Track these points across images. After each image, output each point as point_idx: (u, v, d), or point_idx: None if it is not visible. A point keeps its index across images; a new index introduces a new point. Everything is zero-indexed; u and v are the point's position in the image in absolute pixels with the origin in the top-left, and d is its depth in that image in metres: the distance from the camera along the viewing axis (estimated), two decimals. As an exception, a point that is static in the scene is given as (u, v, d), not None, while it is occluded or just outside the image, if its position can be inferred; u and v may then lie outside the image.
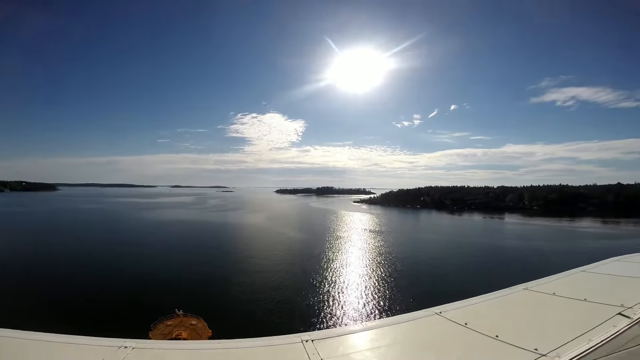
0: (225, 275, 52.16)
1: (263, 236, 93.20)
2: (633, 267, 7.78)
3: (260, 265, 58.90)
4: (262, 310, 38.82)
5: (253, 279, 50.95)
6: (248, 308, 39.30)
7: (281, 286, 47.47)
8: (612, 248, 67.71)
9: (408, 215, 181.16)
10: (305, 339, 3.69)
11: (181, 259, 62.17)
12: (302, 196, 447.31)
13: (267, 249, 73.30)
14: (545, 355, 3.32)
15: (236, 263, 60.98)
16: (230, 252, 69.95)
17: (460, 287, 42.92)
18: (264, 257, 65.17)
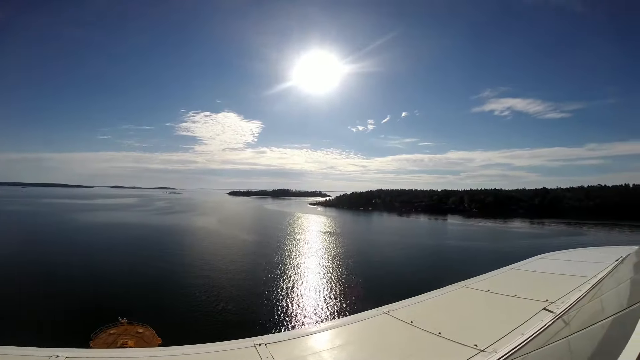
0: (174, 281, 49.06)
1: (214, 239, 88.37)
2: (555, 264, 8.38)
3: (212, 269, 56.49)
4: (215, 315, 37.52)
5: (204, 283, 48.60)
6: (200, 313, 37.30)
7: (234, 290, 45.88)
8: (538, 246, 74.16)
9: (361, 217, 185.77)
10: (259, 343, 3.67)
11: (124, 265, 57.23)
12: (256, 198, 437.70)
13: (219, 253, 70.19)
14: (484, 350, 3.57)
15: (186, 267, 57.60)
16: (178, 257, 65.79)
17: (408, 286, 43.37)
18: (216, 261, 62.49)
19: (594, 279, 5.98)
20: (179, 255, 67.34)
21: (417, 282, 47.25)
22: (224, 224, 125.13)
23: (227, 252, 71.23)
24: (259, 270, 55.98)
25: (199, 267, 57.67)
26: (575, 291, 5.40)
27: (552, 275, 7.24)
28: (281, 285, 48.87)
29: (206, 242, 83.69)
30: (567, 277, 6.65)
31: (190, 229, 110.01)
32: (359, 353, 3.85)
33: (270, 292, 45.57)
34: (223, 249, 73.96)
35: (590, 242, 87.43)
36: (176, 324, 32.67)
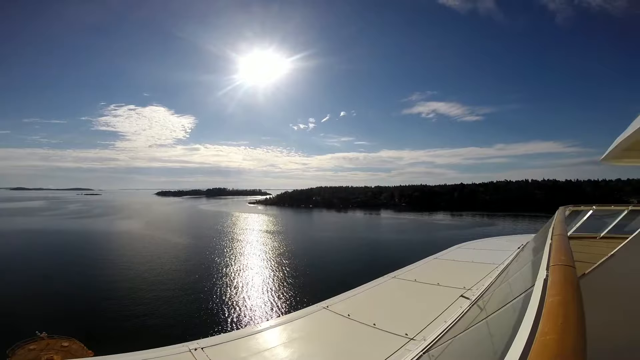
0: (97, 289, 44.07)
1: (142, 244, 79.66)
2: (470, 253, 9.21)
3: (141, 275, 51.67)
4: (147, 322, 34.86)
5: (133, 289, 44.45)
6: (130, 321, 34.74)
7: (167, 294, 42.77)
8: (457, 236, 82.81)
9: (302, 214, 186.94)
10: (194, 347, 3.61)
11: (35, 275, 49.72)
12: (189, 198, 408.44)
13: (148, 258, 63.95)
14: (414, 339, 3.81)
15: (110, 274, 51.71)
16: (100, 263, 58.57)
17: (346, 280, 45.28)
18: (145, 266, 57.04)
19: (501, 266, 6.72)
20: (101, 262, 59.98)
21: (354, 275, 48.95)
22: (153, 227, 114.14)
23: (158, 256, 65.33)
24: (194, 274, 52.76)
25: (126, 273, 52.55)
26: (487, 277, 6.00)
27: (468, 264, 7.90)
28: (219, 287, 46.65)
29: (132, 247, 75.51)
30: (480, 265, 7.36)
31: (112, 234, 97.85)
32: (299, 350, 3.88)
33: (207, 294, 43.32)
34: (152, 254, 67.55)
35: (499, 231, 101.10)
36: (105, 335, 30.23)
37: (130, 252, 69.29)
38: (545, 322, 1.12)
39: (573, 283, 1.57)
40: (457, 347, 3.05)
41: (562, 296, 1.36)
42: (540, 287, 1.62)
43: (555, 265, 1.96)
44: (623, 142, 7.44)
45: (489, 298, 4.24)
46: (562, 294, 1.39)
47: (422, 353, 3.30)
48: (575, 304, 1.28)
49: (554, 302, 1.30)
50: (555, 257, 2.22)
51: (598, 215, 9.24)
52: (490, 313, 2.93)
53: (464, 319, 4.01)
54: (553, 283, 1.57)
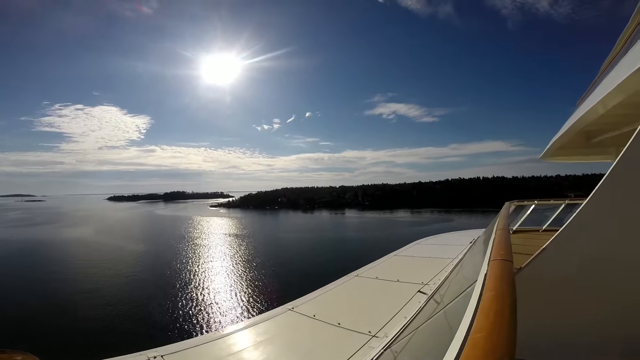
0: (49, 300, 40.69)
1: (94, 252, 73.20)
2: (427, 249, 9.64)
3: (96, 284, 48.09)
4: (106, 332, 32.64)
5: (89, 299, 41.69)
6: (88, 331, 32.75)
7: (125, 303, 40.35)
8: (416, 233, 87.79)
9: (267, 216, 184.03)
10: (153, 356, 3.55)
11: None
12: (145, 203, 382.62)
13: (102, 266, 59.38)
14: (376, 336, 3.89)
15: (61, 285, 47.66)
16: (49, 274, 53.79)
17: (312, 280, 45.33)
18: (100, 275, 53.17)
19: (455, 260, 7.13)
20: (50, 271, 55.04)
21: (320, 275, 48.90)
22: (106, 234, 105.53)
23: (113, 264, 60.86)
24: (153, 281, 49.99)
25: (78, 283, 49.04)
26: (443, 272, 6.29)
27: (425, 259, 8.26)
28: (181, 293, 44.58)
29: (84, 256, 69.59)
30: (436, 260, 7.71)
31: (60, 243, 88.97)
32: (265, 353, 3.86)
33: (168, 301, 41.41)
34: (107, 262, 62.77)
35: (455, 226, 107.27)
36: (62, 346, 28.27)
37: (81, 261, 63.85)
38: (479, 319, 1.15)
39: (508, 278, 1.63)
40: (417, 340, 3.18)
41: (497, 291, 1.41)
42: (481, 282, 1.68)
43: (494, 260, 2.03)
44: (557, 141, 8.30)
45: (445, 292, 4.47)
46: (496, 289, 1.43)
47: (385, 349, 3.40)
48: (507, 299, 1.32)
49: (489, 298, 1.34)
50: (495, 252, 2.29)
51: (540, 209, 10.10)
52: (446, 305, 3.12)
53: (422, 313, 4.16)
54: (490, 278, 1.63)
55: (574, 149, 8.79)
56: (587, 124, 5.70)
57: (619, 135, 5.58)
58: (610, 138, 6.26)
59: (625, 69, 3.18)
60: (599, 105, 4.33)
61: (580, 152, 8.86)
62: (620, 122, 5.12)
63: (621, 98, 3.75)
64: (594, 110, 4.69)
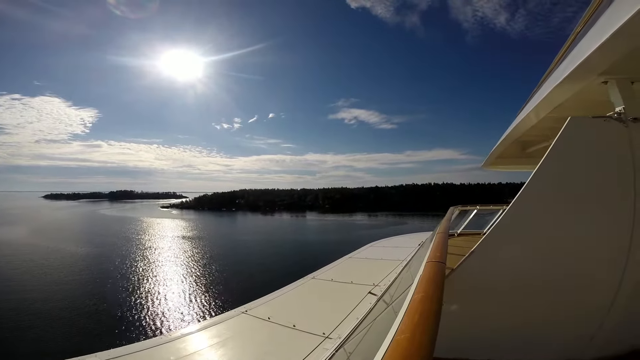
0: None
1: (27, 255, 65.29)
2: (380, 251, 9.94)
3: (29, 288, 44.34)
4: (41, 338, 30.48)
5: (20, 304, 38.28)
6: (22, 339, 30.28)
7: (62, 306, 37.67)
8: (372, 235, 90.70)
9: (224, 218, 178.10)
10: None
11: None
12: (87, 202, 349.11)
13: (36, 269, 53.94)
14: (330, 337, 3.96)
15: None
16: None
17: (269, 283, 44.67)
18: (33, 279, 48.67)
19: (404, 262, 7.49)
20: None
21: (278, 277, 48.61)
22: (41, 235, 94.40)
23: (48, 267, 55.34)
24: (94, 283, 46.46)
25: (7, 287, 45.07)
26: (392, 273, 6.54)
27: (378, 261, 8.44)
28: (126, 295, 41.88)
29: (14, 259, 62.12)
30: (388, 262, 7.98)
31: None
32: (217, 356, 3.80)
33: (111, 304, 38.94)
34: (41, 265, 56.70)
35: (408, 229, 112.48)
36: None
37: (11, 265, 56.98)
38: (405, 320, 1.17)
39: (436, 280, 1.67)
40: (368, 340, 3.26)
41: (425, 293, 1.43)
42: (415, 284, 1.71)
43: (429, 262, 2.09)
44: (496, 150, 9.08)
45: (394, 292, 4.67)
46: (425, 291, 1.46)
47: (337, 350, 3.44)
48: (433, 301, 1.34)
49: (416, 300, 1.37)
50: (431, 254, 2.37)
51: (483, 213, 10.92)
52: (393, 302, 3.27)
53: (371, 313, 4.21)
54: (421, 280, 1.68)
55: (511, 158, 9.65)
56: (521, 134, 6.29)
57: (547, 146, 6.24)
58: (541, 149, 6.95)
59: (554, 81, 3.55)
60: (531, 115, 4.81)
61: (517, 162, 9.75)
62: (549, 134, 5.72)
63: (549, 110, 4.20)
64: (527, 120, 5.19)
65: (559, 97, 3.65)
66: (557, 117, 4.26)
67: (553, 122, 4.65)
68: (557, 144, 2.60)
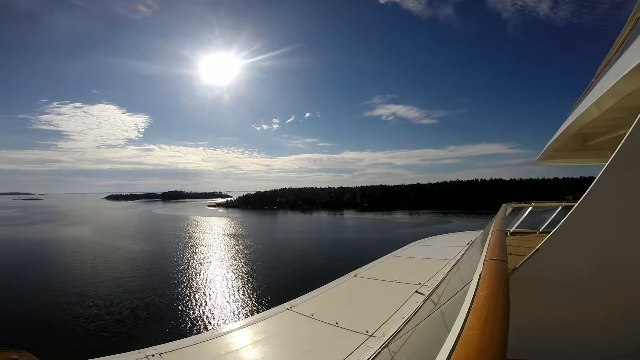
0: (47, 298, 40.50)
1: (92, 252, 72.77)
2: (425, 250, 9.67)
3: (94, 283, 48.23)
4: (103, 329, 33.04)
5: (86, 297, 41.77)
6: (84, 329, 32.86)
7: (123, 301, 40.56)
8: (414, 234, 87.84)
9: (266, 216, 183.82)
10: (151, 354, 3.56)
11: None
12: (143, 202, 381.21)
13: (100, 265, 59.31)
14: (374, 335, 3.93)
15: (59, 282, 47.75)
16: (46, 272, 53.78)
17: (310, 280, 45.45)
18: (97, 273, 53.26)
19: (453, 261, 7.21)
20: (47, 269, 55.10)
21: (318, 275, 49.22)
22: (104, 233, 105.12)
23: (110, 263, 60.88)
24: (151, 279, 50.09)
25: (76, 281, 49.10)
26: (440, 273, 6.34)
27: (423, 260, 8.30)
28: (179, 291, 44.71)
29: (81, 254, 69.43)
30: (434, 261, 7.75)
31: (57, 242, 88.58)
32: (263, 351, 3.88)
33: (166, 300, 41.54)
34: (104, 261, 62.75)
35: (453, 228, 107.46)
36: (58, 344, 28.03)
37: (79, 260, 63.76)
38: (472, 317, 1.16)
39: (501, 277, 1.63)
40: (414, 339, 3.23)
41: (490, 290, 1.41)
42: (476, 282, 1.68)
43: (489, 260, 2.03)
44: (553, 144, 8.38)
45: (442, 292, 4.52)
46: (490, 288, 1.44)
47: (382, 348, 3.44)
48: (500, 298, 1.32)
49: (482, 297, 1.35)
50: (490, 252, 2.29)
51: (538, 211, 10.14)
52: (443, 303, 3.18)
53: (419, 313, 4.19)
54: (484, 277, 1.64)
55: (570, 152, 8.86)
56: (582, 127, 5.77)
57: (615, 137, 5.64)
58: (606, 141, 6.30)
59: (619, 71, 3.25)
60: (593, 107, 4.39)
61: (577, 155, 8.94)
62: (615, 124, 5.19)
63: (615, 101, 3.82)
64: (588, 112, 4.76)
65: (627, 87, 3.30)
66: (623, 107, 3.86)
67: (618, 112, 4.24)
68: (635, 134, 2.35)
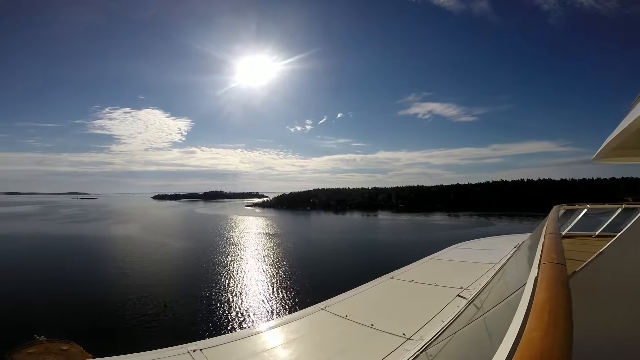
0: (96, 293, 43.93)
1: (140, 248, 78.87)
2: (467, 253, 9.25)
3: (139, 278, 51.72)
4: (148, 325, 35.13)
5: (131, 292, 44.63)
6: (130, 324, 34.82)
7: (167, 298, 42.84)
8: (454, 237, 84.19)
9: (300, 216, 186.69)
10: (192, 349, 3.63)
11: (31, 278, 49.83)
12: (186, 202, 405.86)
13: (146, 261, 63.72)
14: (411, 338, 3.84)
15: (108, 279, 51.55)
16: (98, 268, 58.26)
17: (344, 281, 45.17)
18: (143, 270, 56.91)
19: (498, 265, 6.79)
20: (98, 265, 59.72)
21: (352, 276, 48.63)
22: (150, 231, 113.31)
23: (155, 260, 65.23)
24: (194, 277, 52.75)
25: (123, 277, 52.57)
26: (484, 277, 6.02)
27: (465, 263, 7.95)
28: (217, 289, 46.68)
29: (130, 251, 74.99)
30: (477, 265, 7.39)
31: (109, 238, 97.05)
32: (297, 350, 3.89)
33: (206, 297, 43.42)
34: (150, 257, 67.32)
35: (496, 231, 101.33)
36: (105, 337, 29.75)
37: (127, 256, 68.79)
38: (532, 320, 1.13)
39: (561, 281, 1.58)
40: (454, 345, 3.11)
41: (550, 293, 1.37)
42: (531, 285, 1.62)
43: (546, 264, 1.96)
44: (612, 142, 7.58)
45: (486, 297, 4.30)
46: (549, 291, 1.40)
47: (420, 352, 3.36)
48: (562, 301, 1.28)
49: (542, 300, 1.31)
50: (546, 256, 2.21)
51: (593, 213, 9.26)
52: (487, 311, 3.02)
53: (460, 317, 4.06)
54: (542, 281, 1.59)
55: (631, 150, 8.01)
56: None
57: None
58: None
59: None
60: None
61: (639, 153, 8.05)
62: None
63: None
64: None
65: None
66: None
67: None
68: None
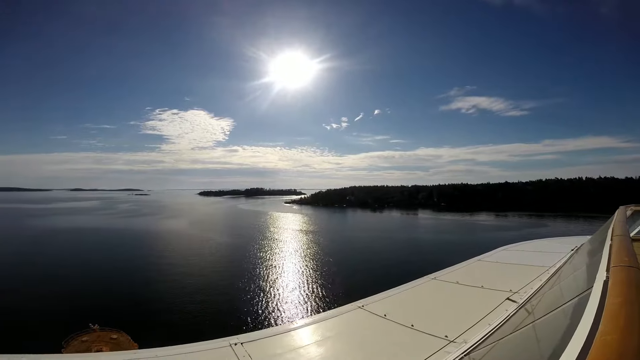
0: (145, 284, 47.47)
1: (186, 243, 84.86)
2: (517, 255, 8.70)
3: (186, 272, 54.97)
4: (190, 317, 36.48)
5: (178, 285, 47.42)
6: (174, 316, 36.73)
7: (210, 292, 45.07)
8: (502, 238, 78.77)
9: (336, 214, 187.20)
10: (234, 342, 3.70)
11: (92, 270, 54.61)
12: (229, 198, 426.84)
13: (192, 256, 67.76)
14: (454, 341, 3.72)
15: (157, 271, 55.65)
16: (148, 261, 63.07)
17: (382, 280, 44.66)
18: (189, 264, 60.46)
19: (552, 269, 6.28)
20: (149, 259, 64.55)
21: (391, 275, 48.08)
22: (196, 226, 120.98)
23: (200, 254, 69.25)
24: (235, 271, 55.12)
25: (172, 270, 55.92)
26: (536, 280, 5.62)
27: (515, 266, 7.47)
28: (258, 284, 48.35)
29: (177, 245, 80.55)
30: (528, 268, 6.90)
31: (160, 232, 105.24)
32: (334, 349, 3.87)
33: (246, 292, 45.03)
34: (196, 252, 71.66)
35: (549, 232, 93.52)
36: (151, 328, 31.84)
37: (175, 250, 73.52)
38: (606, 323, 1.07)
39: (635, 284, 1.49)
40: (501, 350, 2.95)
41: (624, 297, 1.29)
42: (600, 289, 1.54)
43: (617, 267, 1.84)
44: None
45: (539, 301, 4.01)
46: (624, 296, 1.32)
47: (463, 355, 3.23)
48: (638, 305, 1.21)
49: (616, 304, 1.23)
50: (617, 259, 2.07)
51: None
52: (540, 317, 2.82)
53: (509, 322, 3.86)
54: (614, 284, 1.49)
55: None
56: None
57: None
58: None
59: None
60: None
61: None
62: None
63: None
64: None
65: None
66: None
67: None
68: None
